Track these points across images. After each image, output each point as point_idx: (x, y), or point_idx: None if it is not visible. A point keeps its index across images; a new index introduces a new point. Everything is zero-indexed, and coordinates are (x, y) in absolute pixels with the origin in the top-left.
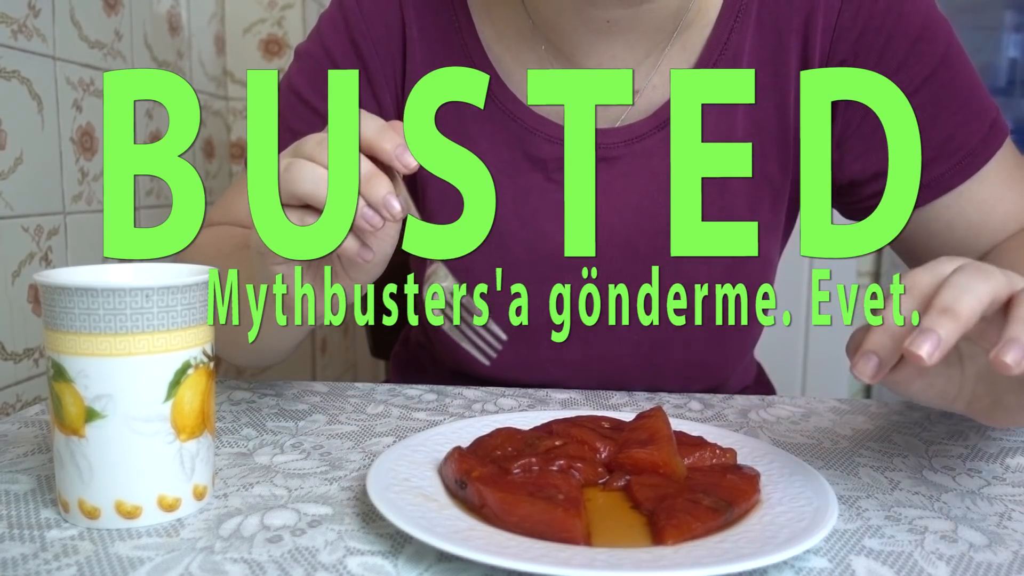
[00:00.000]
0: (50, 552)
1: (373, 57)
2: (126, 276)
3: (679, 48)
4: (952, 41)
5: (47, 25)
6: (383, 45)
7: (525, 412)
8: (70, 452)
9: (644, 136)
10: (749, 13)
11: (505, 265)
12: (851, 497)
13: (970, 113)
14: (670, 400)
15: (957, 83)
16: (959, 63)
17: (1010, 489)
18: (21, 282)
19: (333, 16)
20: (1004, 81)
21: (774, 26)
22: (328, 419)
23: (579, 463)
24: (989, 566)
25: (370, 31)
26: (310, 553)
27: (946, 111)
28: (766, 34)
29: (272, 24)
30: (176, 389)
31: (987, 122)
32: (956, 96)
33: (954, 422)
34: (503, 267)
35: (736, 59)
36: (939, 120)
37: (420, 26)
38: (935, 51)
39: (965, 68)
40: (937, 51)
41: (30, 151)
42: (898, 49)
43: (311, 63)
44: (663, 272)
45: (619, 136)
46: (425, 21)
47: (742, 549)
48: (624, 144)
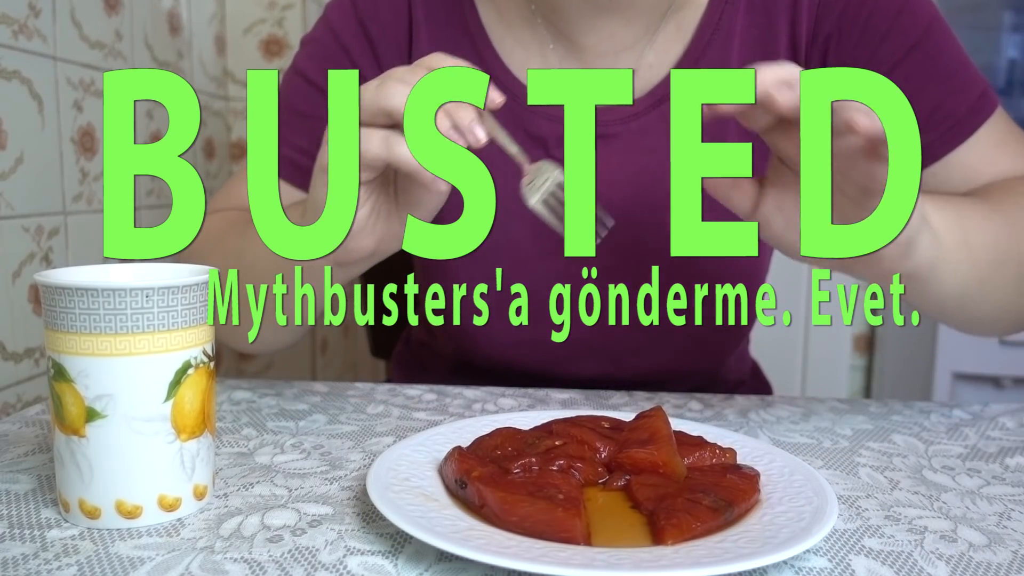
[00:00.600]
0: (50, 552)
1: (381, 39)
2: (126, 276)
3: (674, 27)
4: (935, 15)
5: (47, 25)
6: (390, 27)
7: (525, 412)
8: (70, 452)
9: (641, 114)
10: None
11: (511, 242)
12: (851, 497)
13: (956, 84)
14: (670, 400)
15: (943, 55)
16: (943, 37)
17: (1010, 489)
18: (21, 282)
19: (341, 2)
20: (1004, 81)
21: (763, 5)
22: (328, 419)
23: (579, 463)
24: (989, 566)
25: (377, 13)
26: (310, 553)
27: (931, 82)
28: (756, 14)
29: (272, 24)
30: (176, 389)
31: (975, 93)
32: (941, 67)
33: (953, 422)
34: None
35: (727, 39)
36: (925, 91)
37: (425, 8)
38: (918, 23)
39: (950, 42)
40: (920, 23)
41: (30, 151)
42: (880, 22)
43: (318, 47)
44: (663, 246)
45: (616, 114)
46: (430, 3)
47: (742, 549)
48: (621, 122)
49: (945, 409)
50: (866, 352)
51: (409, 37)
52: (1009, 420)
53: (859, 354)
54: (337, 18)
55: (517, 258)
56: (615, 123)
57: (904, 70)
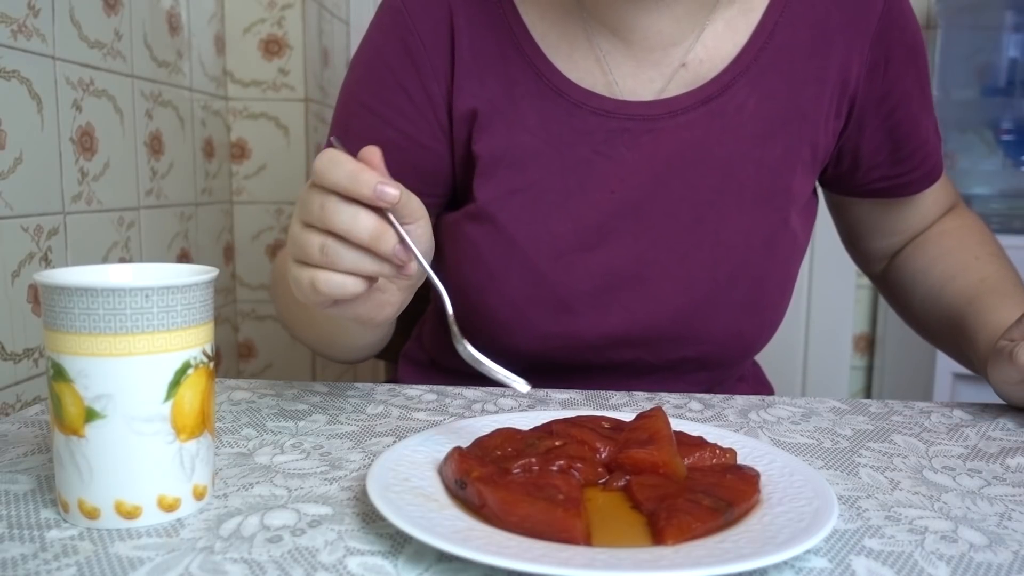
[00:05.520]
0: (50, 552)
1: (420, 50)
2: (126, 276)
3: (723, 25)
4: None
5: (47, 25)
6: (431, 37)
7: (525, 412)
8: (70, 452)
9: (689, 108)
10: (794, 10)
11: (551, 236)
12: (851, 497)
13: (933, 124)
14: (670, 400)
15: (930, 96)
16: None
17: (1010, 489)
18: (21, 282)
19: (382, 20)
20: (1004, 81)
21: (821, 21)
22: (328, 419)
23: (579, 463)
24: (989, 566)
25: (416, 26)
26: (310, 553)
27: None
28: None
29: (272, 24)
30: (176, 389)
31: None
32: (930, 107)
33: (954, 422)
34: (549, 238)
35: (781, 49)
36: (923, 126)
37: (466, 13)
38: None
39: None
40: (925, 62)
41: (30, 151)
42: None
43: (366, 72)
44: (706, 240)
45: (662, 108)
46: (471, 7)
47: (742, 549)
48: (669, 116)
49: (946, 409)
50: (866, 352)
51: (451, 43)
52: (1009, 420)
53: (859, 354)
54: (377, 36)
55: (556, 251)
56: (663, 117)
57: (916, 104)
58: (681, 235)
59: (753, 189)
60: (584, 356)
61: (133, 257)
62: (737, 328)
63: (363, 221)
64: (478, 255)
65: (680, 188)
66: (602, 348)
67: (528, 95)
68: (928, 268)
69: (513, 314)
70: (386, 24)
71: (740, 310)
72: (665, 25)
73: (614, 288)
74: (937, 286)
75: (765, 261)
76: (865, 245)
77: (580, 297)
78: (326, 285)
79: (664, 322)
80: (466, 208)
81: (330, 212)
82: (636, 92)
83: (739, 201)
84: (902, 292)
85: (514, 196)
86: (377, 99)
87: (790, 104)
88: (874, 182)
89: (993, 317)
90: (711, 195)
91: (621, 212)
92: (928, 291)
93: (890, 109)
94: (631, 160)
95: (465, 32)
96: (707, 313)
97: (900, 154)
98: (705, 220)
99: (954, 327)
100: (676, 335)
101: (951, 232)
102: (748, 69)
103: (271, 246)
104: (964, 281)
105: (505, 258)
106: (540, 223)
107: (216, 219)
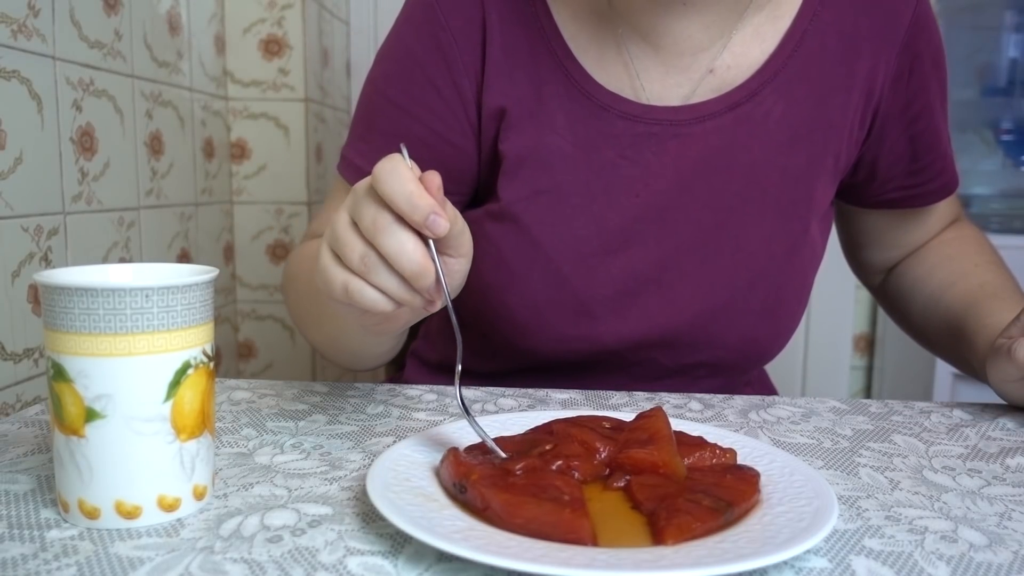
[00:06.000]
0: (50, 552)
1: (452, 46)
2: (126, 276)
3: (751, 31)
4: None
5: (47, 25)
6: (462, 34)
7: (525, 412)
8: (70, 452)
9: (716, 114)
10: (822, 18)
11: (575, 239)
12: (851, 497)
13: (947, 139)
14: (670, 400)
15: (946, 105)
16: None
17: (1010, 489)
18: (21, 282)
19: (412, 15)
20: (1004, 81)
21: (849, 32)
22: (328, 419)
23: (579, 463)
24: (989, 566)
25: (448, 22)
26: (310, 553)
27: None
28: (841, 39)
29: (272, 24)
30: (176, 389)
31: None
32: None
33: (954, 422)
34: (572, 241)
35: (809, 56)
36: (943, 138)
37: (498, 11)
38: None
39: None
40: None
41: (30, 151)
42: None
43: (394, 66)
44: (728, 246)
45: (690, 113)
46: (504, 5)
47: (742, 549)
48: (696, 121)
49: (946, 409)
50: (866, 352)
51: (483, 41)
52: (1009, 420)
53: (859, 354)
54: (408, 31)
55: (579, 254)
56: (691, 122)
57: (938, 115)
58: (703, 240)
59: (776, 197)
60: (598, 358)
61: (133, 257)
62: (753, 334)
63: (409, 253)
64: (499, 255)
65: (704, 194)
66: (618, 351)
67: (556, 96)
68: (928, 275)
69: (532, 316)
70: (417, 19)
71: (757, 317)
72: (694, 31)
73: (634, 292)
74: (937, 293)
75: (785, 269)
76: (866, 256)
77: (601, 301)
78: (359, 295)
79: (682, 327)
80: (488, 207)
81: (380, 229)
82: (663, 97)
83: (762, 208)
84: (902, 301)
85: (539, 197)
86: (405, 95)
87: (817, 112)
88: (888, 192)
89: (992, 320)
90: (735, 201)
91: (645, 216)
92: (928, 298)
93: (912, 119)
94: (657, 165)
95: (497, 29)
96: (725, 319)
97: (917, 165)
98: (728, 226)
99: (954, 332)
100: (693, 340)
101: (950, 241)
102: (776, 76)
103: (271, 246)
104: (963, 287)
105: (527, 259)
106: (564, 225)
107: (216, 219)
